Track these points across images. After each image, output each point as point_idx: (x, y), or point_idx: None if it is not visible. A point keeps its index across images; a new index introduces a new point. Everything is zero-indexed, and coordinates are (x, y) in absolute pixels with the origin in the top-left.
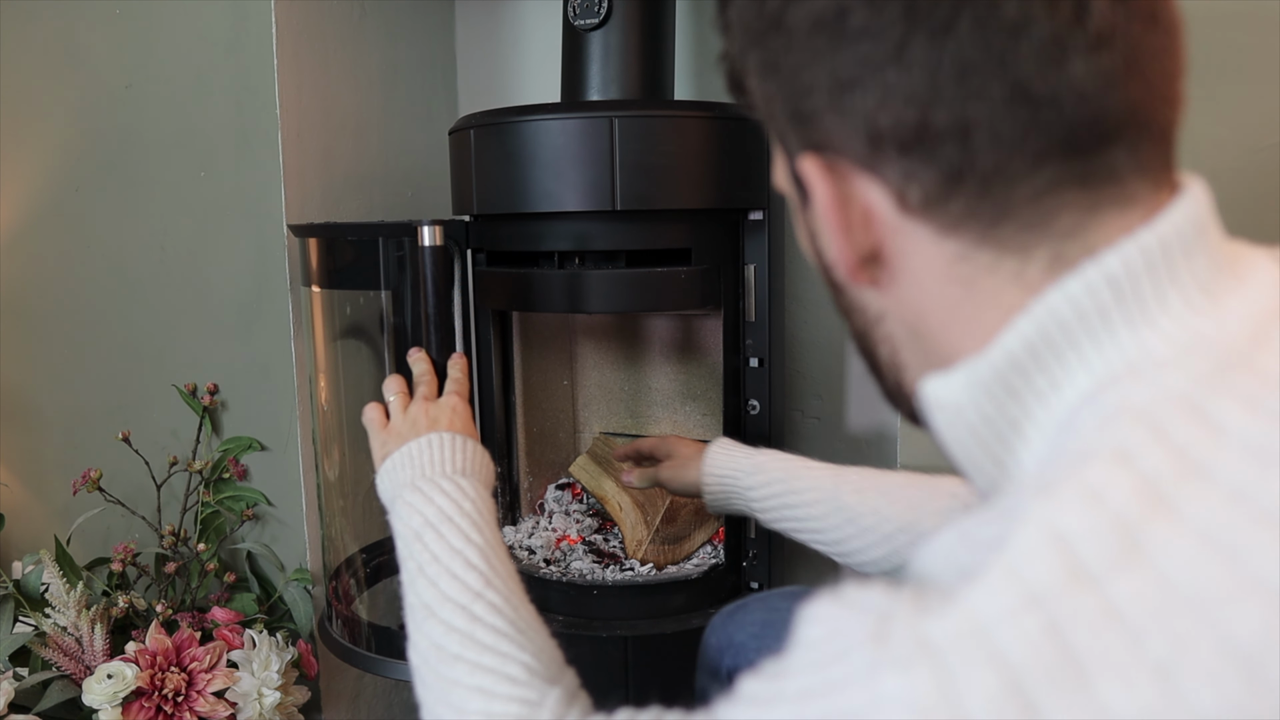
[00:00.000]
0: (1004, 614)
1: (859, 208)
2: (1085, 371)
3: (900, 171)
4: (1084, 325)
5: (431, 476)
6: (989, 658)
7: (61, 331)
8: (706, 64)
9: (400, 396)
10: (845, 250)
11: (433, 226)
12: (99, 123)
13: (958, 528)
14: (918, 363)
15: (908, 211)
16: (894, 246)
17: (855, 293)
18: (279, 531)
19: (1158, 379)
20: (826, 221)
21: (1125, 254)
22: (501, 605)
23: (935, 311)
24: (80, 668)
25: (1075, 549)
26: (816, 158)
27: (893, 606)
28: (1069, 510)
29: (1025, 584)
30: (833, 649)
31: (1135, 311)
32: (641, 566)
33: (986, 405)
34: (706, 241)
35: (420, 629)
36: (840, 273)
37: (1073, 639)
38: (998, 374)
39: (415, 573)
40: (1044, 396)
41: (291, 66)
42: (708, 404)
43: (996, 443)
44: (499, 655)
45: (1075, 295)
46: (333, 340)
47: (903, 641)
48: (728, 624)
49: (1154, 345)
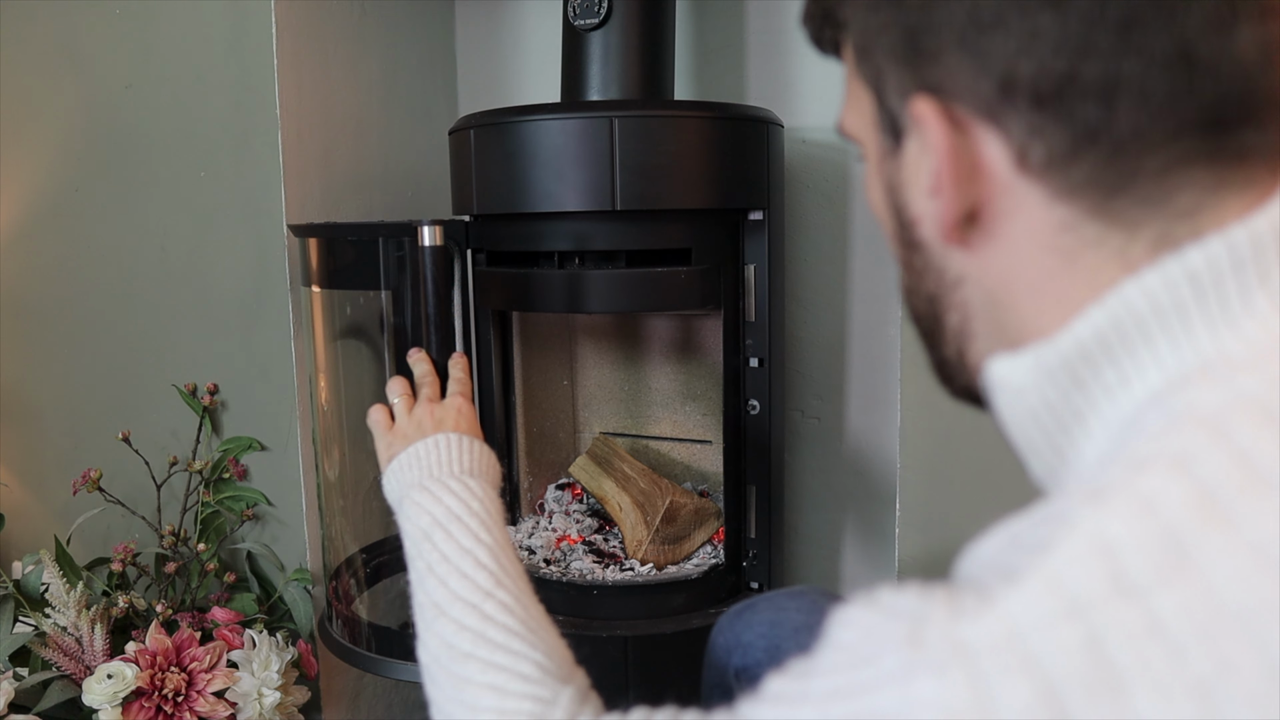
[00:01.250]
0: (1043, 622)
1: (968, 161)
2: (1157, 369)
3: (1027, 126)
4: (1160, 321)
5: (439, 477)
6: (1025, 665)
7: (61, 331)
8: (706, 64)
9: (404, 398)
10: (950, 206)
11: (433, 226)
12: (99, 123)
13: (1008, 529)
14: (988, 333)
15: (1026, 170)
16: (998, 206)
17: (936, 253)
18: (279, 531)
19: (1232, 381)
20: (938, 171)
21: (1211, 250)
22: (512, 604)
23: (1025, 280)
24: (80, 668)
25: (1121, 560)
26: (933, 101)
27: (928, 610)
28: (1119, 520)
29: (1067, 592)
30: (865, 652)
31: (1216, 310)
32: (642, 566)
33: (1051, 393)
34: (706, 241)
35: (430, 628)
36: (928, 229)
37: (1112, 651)
38: (1065, 363)
39: (424, 572)
40: (1111, 391)
41: (291, 66)
42: (708, 404)
43: (1058, 431)
44: (511, 653)
45: (1153, 289)
46: (333, 340)
47: (938, 644)
48: (735, 623)
49: (1232, 347)
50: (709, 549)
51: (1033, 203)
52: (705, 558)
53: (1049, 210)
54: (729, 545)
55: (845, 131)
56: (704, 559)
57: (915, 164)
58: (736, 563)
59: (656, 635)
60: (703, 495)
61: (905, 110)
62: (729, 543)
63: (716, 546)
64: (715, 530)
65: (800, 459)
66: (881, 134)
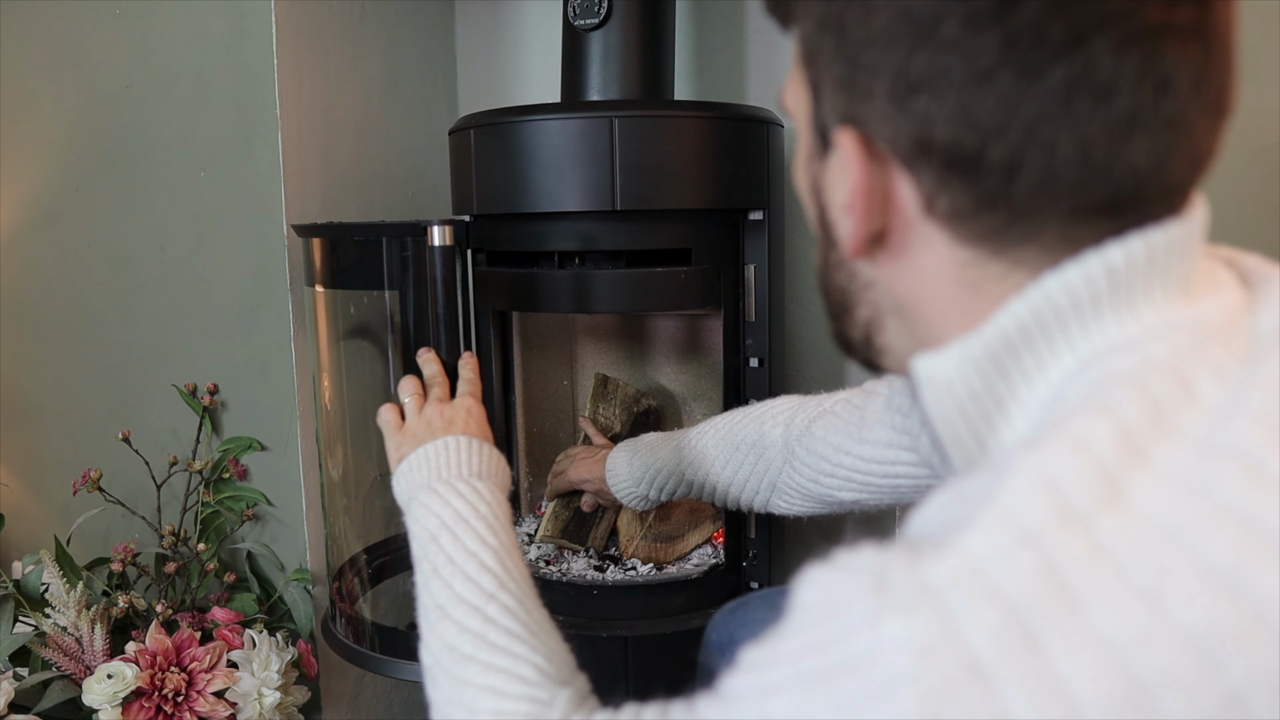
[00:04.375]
0: (999, 552)
1: (881, 192)
2: (1071, 353)
3: (936, 181)
4: (1075, 310)
5: (448, 479)
6: (988, 594)
7: (61, 331)
8: (706, 64)
9: (415, 398)
10: (859, 229)
11: (442, 226)
12: (99, 123)
13: (949, 489)
14: (897, 328)
15: (931, 215)
16: (904, 237)
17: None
18: (279, 531)
19: (1141, 350)
20: (850, 202)
21: (1131, 248)
22: (515, 608)
23: (932, 301)
24: (80, 668)
25: (1063, 492)
26: (855, 133)
27: (888, 560)
28: (1057, 457)
29: (1018, 524)
30: (830, 606)
31: (1124, 301)
32: (642, 566)
33: (976, 382)
34: (706, 241)
35: (433, 629)
36: (843, 243)
37: (1065, 572)
38: (989, 351)
39: (430, 574)
40: (1030, 376)
41: (291, 66)
42: (708, 404)
43: (981, 420)
44: (511, 656)
45: (1072, 281)
46: (336, 340)
47: (903, 587)
48: (729, 621)
49: (1134, 331)
50: (709, 549)
51: (938, 242)
52: (705, 558)
53: (952, 250)
54: (729, 545)
55: (784, 106)
56: (704, 559)
57: (836, 176)
58: (736, 563)
59: (656, 635)
60: None
61: (833, 129)
62: (729, 543)
63: (716, 547)
64: (711, 532)
65: None
66: (813, 135)
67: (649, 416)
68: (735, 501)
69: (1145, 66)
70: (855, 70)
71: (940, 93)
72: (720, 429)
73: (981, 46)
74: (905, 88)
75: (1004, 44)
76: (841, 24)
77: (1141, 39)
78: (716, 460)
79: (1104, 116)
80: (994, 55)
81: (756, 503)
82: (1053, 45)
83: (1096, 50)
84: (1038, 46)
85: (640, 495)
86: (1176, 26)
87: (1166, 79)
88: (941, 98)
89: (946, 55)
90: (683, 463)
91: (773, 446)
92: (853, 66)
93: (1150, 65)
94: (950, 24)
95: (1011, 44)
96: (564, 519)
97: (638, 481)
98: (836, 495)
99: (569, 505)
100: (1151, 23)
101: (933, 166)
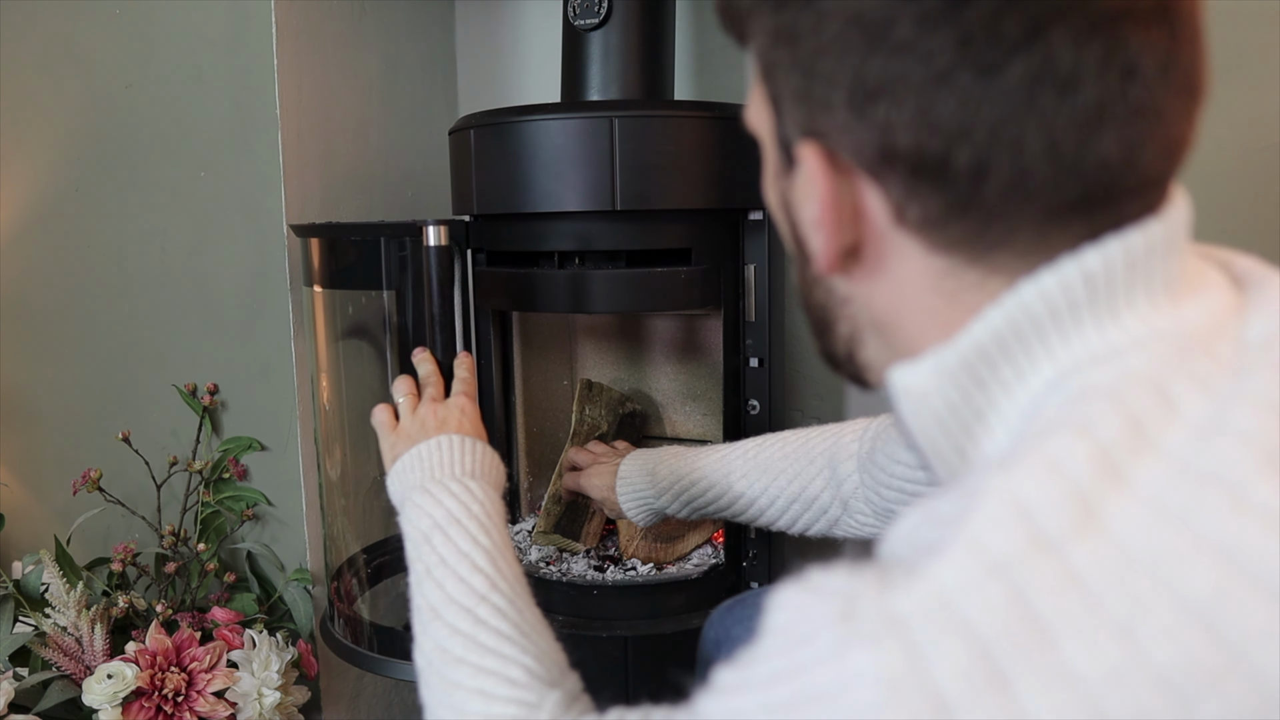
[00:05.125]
0: (968, 584)
1: (850, 204)
2: (1050, 363)
3: (904, 189)
4: (1053, 319)
5: (440, 479)
6: (956, 628)
7: (61, 331)
8: (706, 64)
9: (409, 398)
10: (830, 244)
11: (438, 226)
12: (99, 123)
13: (922, 508)
14: (878, 344)
15: (903, 225)
16: (878, 250)
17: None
18: (279, 531)
19: (1120, 362)
20: (819, 216)
21: (1108, 252)
22: (506, 609)
23: (909, 314)
24: (80, 668)
25: (1035, 518)
26: (818, 147)
27: (858, 587)
28: (1029, 480)
29: (988, 553)
30: (799, 632)
31: (1104, 308)
32: (642, 567)
33: (952, 393)
34: (706, 241)
35: (426, 631)
36: (817, 260)
37: (1036, 604)
38: (964, 362)
39: (422, 574)
40: (1009, 386)
41: (291, 66)
42: (708, 404)
43: (960, 431)
44: (500, 658)
45: (1048, 290)
46: (334, 340)
47: (870, 618)
48: (725, 619)
49: (1115, 338)
50: (709, 549)
51: (911, 252)
52: (705, 558)
53: (927, 260)
54: (729, 545)
55: (749, 126)
56: (704, 559)
57: (804, 192)
58: (736, 563)
59: (656, 635)
60: None
61: (795, 145)
62: (729, 543)
63: (716, 547)
64: (711, 532)
65: None
66: (778, 151)
67: (634, 418)
68: (793, 520)
69: (1108, 54)
70: (812, 81)
71: (899, 98)
72: (790, 443)
73: (936, 47)
74: (863, 95)
75: (959, 43)
76: (794, 34)
77: (1101, 26)
78: (783, 474)
79: (1069, 109)
80: (950, 55)
81: (823, 522)
82: (1009, 40)
83: (1055, 41)
84: (994, 42)
85: (652, 508)
86: (1137, 10)
87: (1132, 65)
88: (900, 103)
89: (901, 59)
90: (731, 474)
91: (850, 460)
92: (809, 77)
93: (1113, 52)
94: (903, 26)
95: (966, 42)
96: (555, 514)
97: (660, 493)
98: (895, 508)
99: (560, 502)
100: (1110, 8)
101: (899, 175)
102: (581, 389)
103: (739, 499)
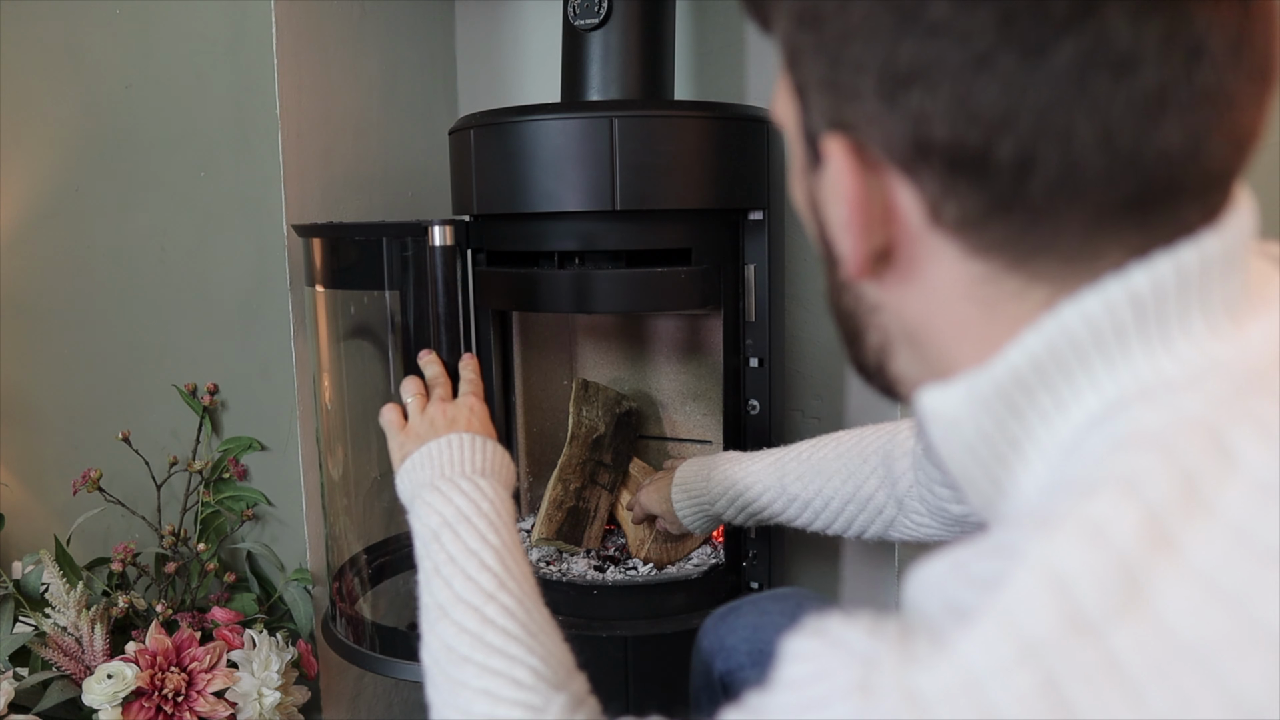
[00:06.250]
0: (998, 668)
1: (881, 204)
2: (1094, 393)
3: (940, 185)
4: (1098, 345)
5: (450, 476)
6: (981, 715)
7: (61, 331)
8: (706, 64)
9: (418, 398)
10: (859, 246)
11: (443, 226)
12: (99, 123)
13: (951, 557)
14: (909, 356)
15: (938, 225)
16: (911, 253)
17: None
18: (279, 531)
19: (1172, 402)
20: (846, 216)
21: (1158, 271)
22: (514, 608)
23: (943, 324)
24: (80, 668)
25: (1074, 594)
26: (845, 140)
27: (879, 650)
28: (1069, 550)
29: (1021, 633)
30: (814, 694)
31: (1154, 333)
32: (643, 566)
33: (986, 421)
34: (706, 241)
35: (433, 630)
36: (845, 263)
37: (1071, 695)
38: (999, 390)
39: (431, 573)
40: (1048, 417)
41: (291, 66)
42: (708, 404)
43: (994, 462)
44: (507, 658)
45: (1092, 313)
46: (336, 339)
47: (889, 693)
48: (719, 627)
49: (1168, 369)
50: (709, 549)
51: (947, 256)
52: (705, 558)
53: (965, 264)
54: (729, 545)
55: (775, 119)
56: (704, 559)
57: (831, 189)
58: (736, 563)
59: (656, 635)
60: None
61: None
62: (729, 543)
63: (716, 547)
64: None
65: None
66: (803, 146)
67: (631, 418)
68: (848, 523)
69: (1170, 32)
70: (838, 68)
71: (934, 84)
72: (844, 443)
73: (975, 26)
74: (894, 82)
75: (1001, 21)
76: (819, 17)
77: (1162, 1)
78: (837, 474)
79: (1127, 95)
80: (991, 35)
81: (879, 524)
82: (1057, 17)
83: (1110, 18)
84: (1040, 20)
85: (708, 514)
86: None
87: (1198, 45)
88: (936, 90)
89: (937, 41)
90: (785, 476)
91: (905, 457)
92: (835, 64)
93: (1177, 30)
94: (938, 4)
95: (1009, 20)
96: (558, 521)
97: (715, 499)
98: (949, 507)
99: (562, 507)
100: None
101: (935, 169)
102: (578, 389)
103: (793, 502)
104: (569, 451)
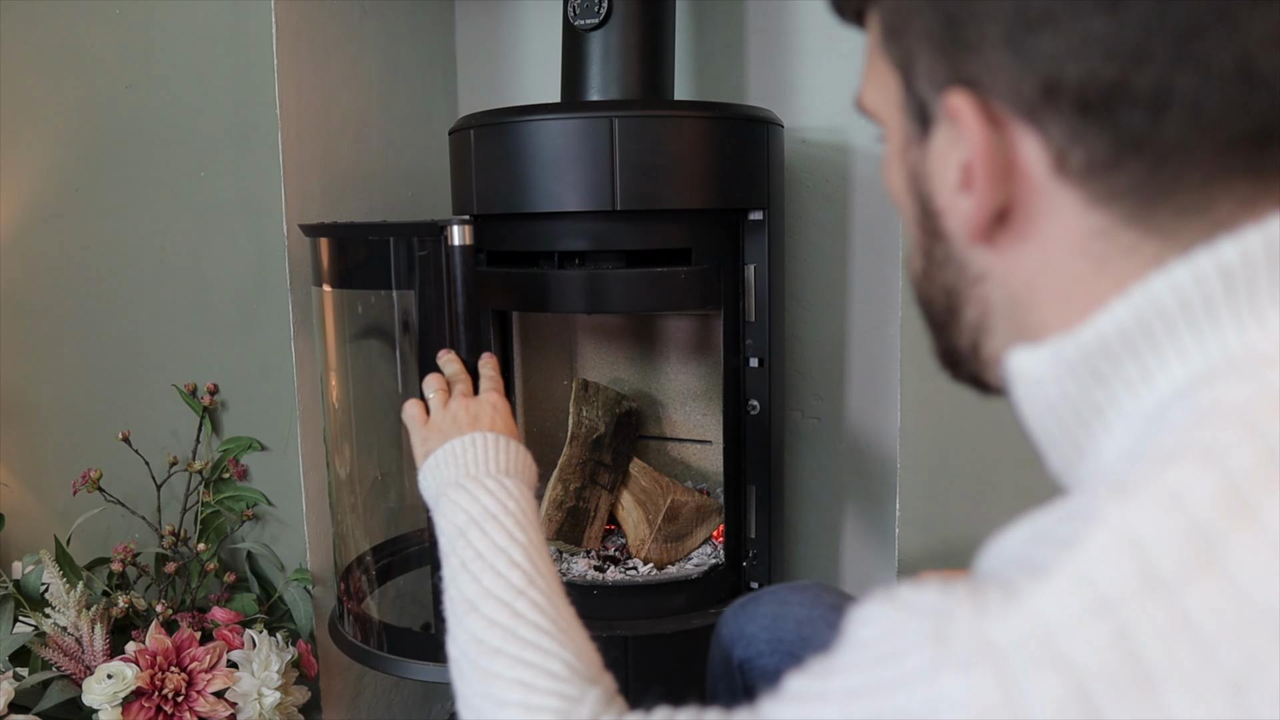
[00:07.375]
0: (1072, 618)
1: (1003, 159)
2: (1181, 364)
3: (1068, 130)
4: (1186, 315)
5: (476, 475)
6: (1055, 662)
7: (61, 331)
8: (706, 64)
9: (440, 394)
10: (982, 205)
11: (462, 226)
12: (99, 123)
13: (1031, 524)
14: (1007, 329)
15: (1063, 174)
16: (1031, 208)
17: (959, 247)
18: (279, 531)
19: (1260, 376)
20: (969, 168)
21: (1247, 243)
22: (544, 604)
23: (1052, 283)
24: (80, 668)
25: (1150, 555)
26: (970, 95)
27: (951, 607)
28: (1146, 514)
29: (1096, 589)
30: (887, 649)
31: (1245, 306)
32: (643, 566)
33: (1070, 386)
34: (706, 241)
35: (461, 623)
36: (956, 224)
37: (1142, 648)
38: (1085, 356)
39: (458, 568)
40: (1133, 386)
41: (291, 66)
42: (708, 404)
43: (1077, 425)
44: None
45: (1181, 283)
46: (343, 339)
47: (965, 641)
48: (739, 616)
49: (1259, 344)
50: (709, 549)
51: (1068, 207)
52: (705, 557)
53: (1084, 216)
54: (729, 545)
55: (864, 108)
56: (704, 559)
57: (944, 156)
58: (736, 562)
59: (656, 635)
60: (703, 494)
61: (936, 100)
62: (729, 543)
63: (717, 546)
64: (717, 526)
65: (800, 459)
66: (907, 119)
67: (631, 418)
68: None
69: None
70: (956, 25)
71: (1068, 24)
72: None
73: None
74: (1023, 27)
75: None
76: None
77: None
78: None
79: (1264, 17)
80: None
81: None
82: None
83: None
84: None
85: None
86: None
87: None
88: (1069, 30)
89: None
90: None
91: None
92: (953, 22)
93: None
94: None
95: None
96: (558, 521)
97: None
98: None
99: (562, 507)
100: None
101: (1063, 114)
102: (577, 389)
103: None
104: (569, 451)
